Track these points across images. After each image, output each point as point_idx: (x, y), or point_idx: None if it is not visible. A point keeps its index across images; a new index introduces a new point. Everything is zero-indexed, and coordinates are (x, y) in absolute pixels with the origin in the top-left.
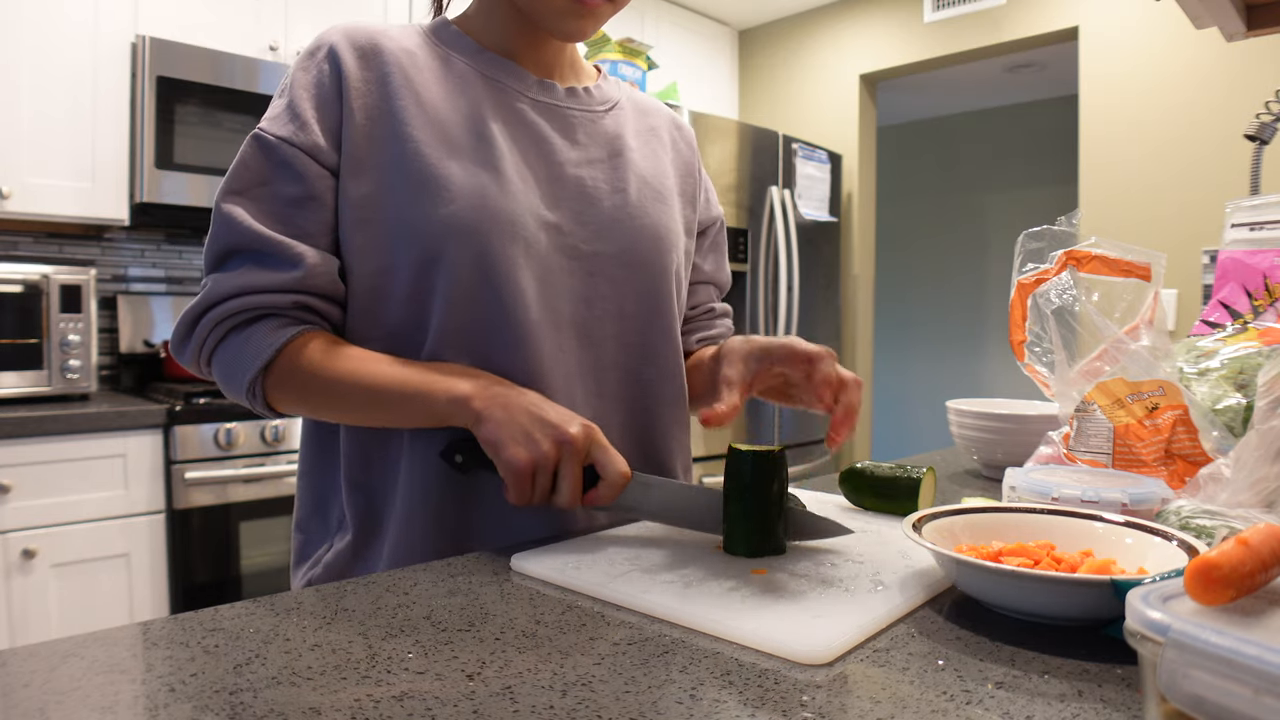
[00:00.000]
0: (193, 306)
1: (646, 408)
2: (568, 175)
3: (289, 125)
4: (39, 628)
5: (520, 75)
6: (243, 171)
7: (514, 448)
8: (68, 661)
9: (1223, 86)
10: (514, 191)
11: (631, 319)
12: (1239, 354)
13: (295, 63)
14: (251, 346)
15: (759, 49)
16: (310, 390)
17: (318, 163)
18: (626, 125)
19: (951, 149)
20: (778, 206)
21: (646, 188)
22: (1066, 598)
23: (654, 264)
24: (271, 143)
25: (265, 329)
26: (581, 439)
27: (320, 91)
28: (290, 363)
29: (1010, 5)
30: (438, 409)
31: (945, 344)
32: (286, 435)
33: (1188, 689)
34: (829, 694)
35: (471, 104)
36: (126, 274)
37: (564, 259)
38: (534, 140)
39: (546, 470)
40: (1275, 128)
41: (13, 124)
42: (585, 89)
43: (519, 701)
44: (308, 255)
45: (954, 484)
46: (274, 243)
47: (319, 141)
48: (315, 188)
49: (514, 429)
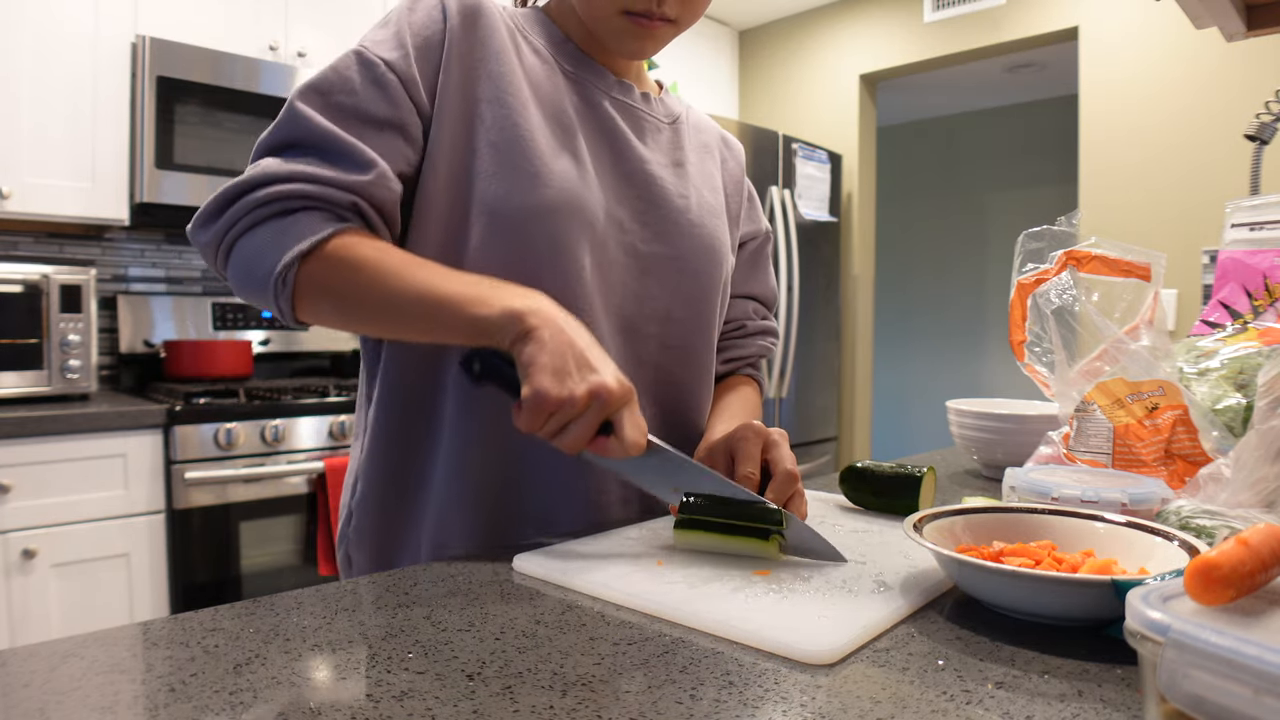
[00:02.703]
0: (231, 185)
1: (675, 406)
2: (639, 173)
3: (395, 51)
4: (39, 628)
5: (601, 73)
6: (333, 76)
7: (548, 378)
8: (68, 661)
9: (1223, 87)
10: (591, 183)
11: (679, 323)
12: (1239, 354)
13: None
14: (295, 231)
15: (759, 49)
16: (353, 286)
17: (410, 98)
18: (687, 141)
19: (951, 149)
20: (778, 206)
21: (705, 200)
22: (1067, 598)
23: (706, 274)
24: (372, 60)
25: (312, 218)
26: (617, 397)
27: (427, 35)
28: (335, 255)
29: (1010, 5)
30: (490, 319)
31: (945, 344)
32: (286, 435)
33: (1188, 689)
34: (829, 694)
35: (559, 91)
36: (126, 274)
37: (622, 254)
38: (611, 136)
39: (569, 413)
40: (1275, 128)
41: (13, 124)
42: (655, 99)
43: (519, 701)
44: (378, 163)
45: (954, 484)
46: (345, 143)
47: (417, 77)
48: (403, 118)
49: (556, 358)
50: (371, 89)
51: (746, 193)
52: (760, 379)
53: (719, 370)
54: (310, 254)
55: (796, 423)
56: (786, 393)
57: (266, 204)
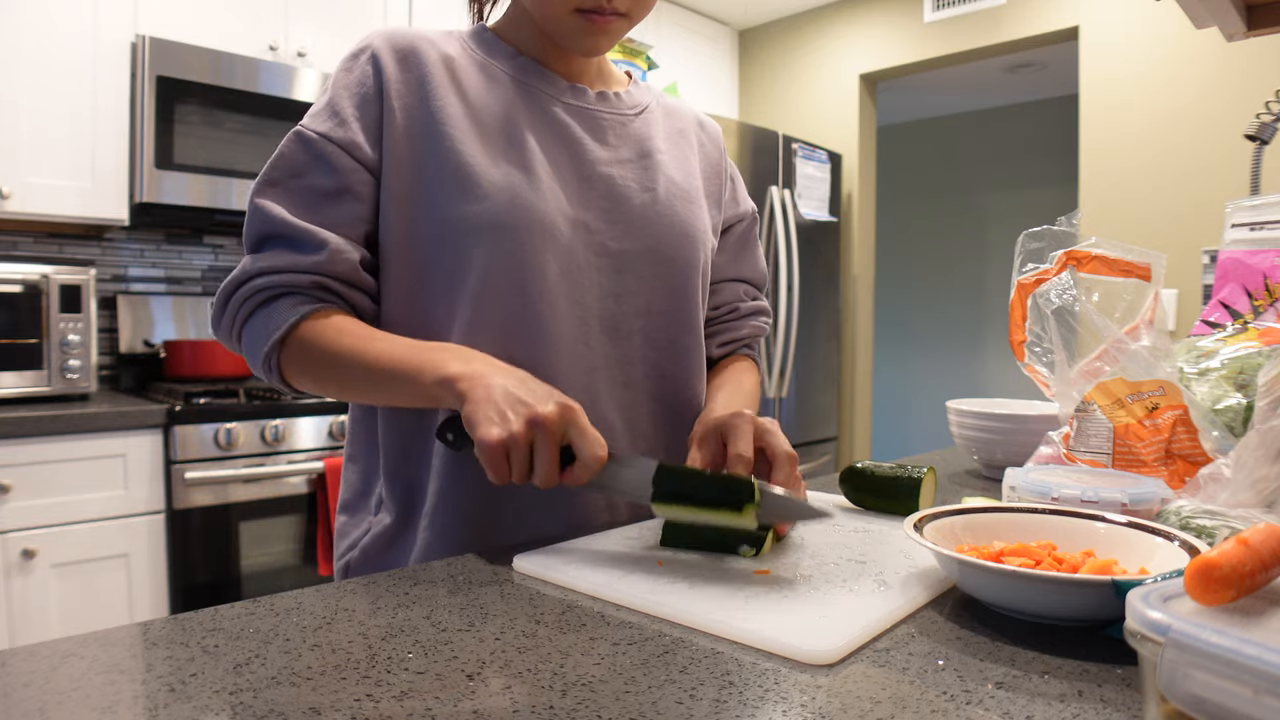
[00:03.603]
0: (227, 283)
1: (672, 400)
2: (598, 175)
3: (327, 122)
4: (39, 628)
5: (552, 80)
6: (279, 164)
7: (487, 426)
8: (68, 661)
9: (1223, 86)
10: (544, 191)
11: (659, 315)
12: (1239, 354)
13: (338, 65)
14: (272, 321)
15: (759, 49)
16: (318, 365)
17: (353, 158)
18: (656, 128)
19: (951, 149)
20: (778, 206)
21: (675, 188)
22: (1068, 598)
23: (681, 261)
24: (309, 138)
25: (285, 305)
26: (555, 418)
27: (362, 91)
28: (303, 338)
29: (1010, 5)
30: (428, 389)
31: (945, 344)
32: (286, 435)
33: (1188, 689)
34: (829, 694)
35: (506, 106)
36: (126, 274)
37: (593, 256)
38: (566, 141)
39: (519, 449)
40: (1275, 128)
41: (13, 124)
42: (615, 94)
43: (519, 701)
44: (331, 240)
45: (954, 484)
46: (299, 229)
47: (357, 139)
48: (349, 181)
49: (489, 408)
50: (313, 164)
51: (727, 174)
52: (757, 359)
53: (715, 354)
54: (285, 340)
55: (796, 422)
56: (786, 393)
57: (250, 297)
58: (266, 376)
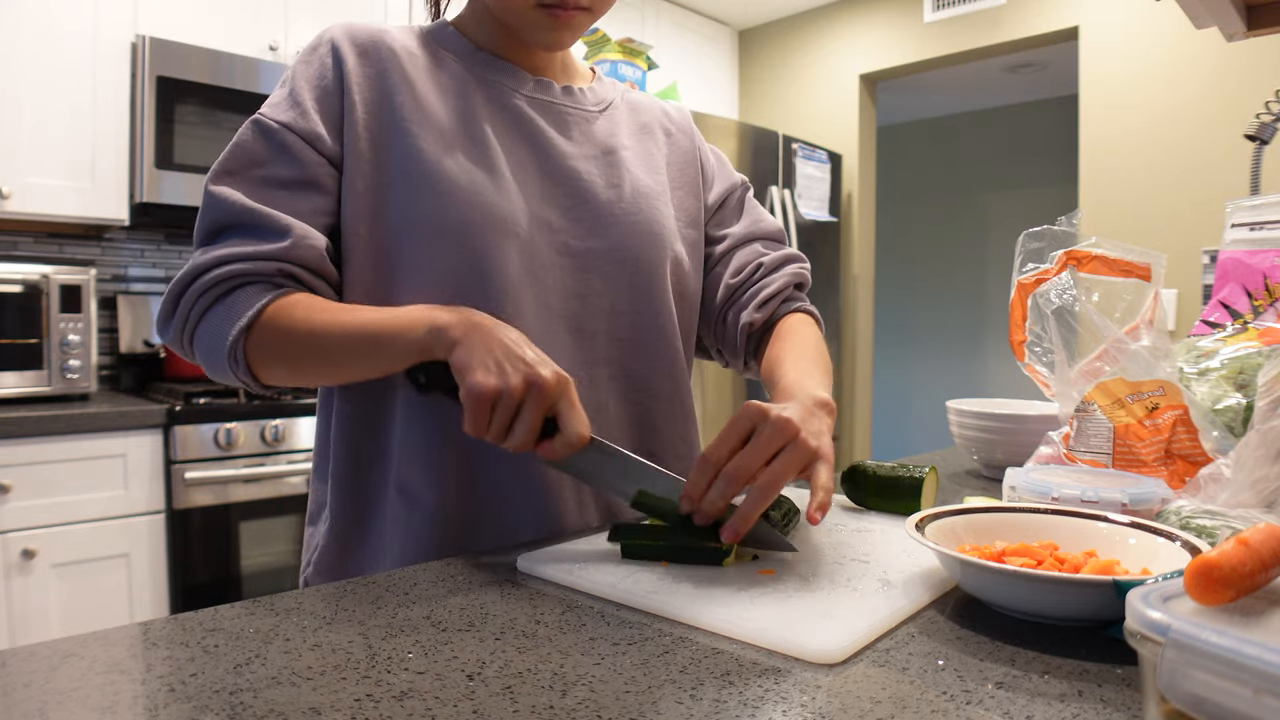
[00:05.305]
0: (176, 282)
1: (641, 401)
2: (562, 170)
3: (290, 112)
4: (39, 628)
5: (515, 74)
6: (238, 154)
7: (482, 373)
8: (68, 661)
9: (1223, 86)
10: (506, 188)
11: (623, 315)
12: (1239, 354)
13: (297, 58)
14: (234, 310)
15: (759, 49)
16: (293, 345)
17: (316, 150)
18: (620, 125)
19: (951, 149)
20: (778, 206)
21: (640, 186)
22: (1069, 598)
23: (646, 261)
24: (271, 127)
25: (248, 293)
26: (552, 384)
27: (322, 84)
28: (272, 322)
29: (1010, 5)
30: (418, 340)
31: (945, 344)
32: (286, 435)
33: (1188, 689)
34: (829, 694)
35: (467, 103)
36: (126, 274)
37: (556, 255)
38: (529, 135)
39: (509, 405)
40: (1275, 128)
41: (13, 124)
42: (580, 89)
43: (519, 701)
44: (295, 227)
45: (954, 484)
46: (261, 215)
47: (318, 130)
48: (312, 173)
49: (487, 356)
50: (276, 155)
51: (703, 158)
52: (809, 308)
53: (757, 319)
54: (251, 326)
55: None
56: None
57: (207, 290)
58: (231, 370)
